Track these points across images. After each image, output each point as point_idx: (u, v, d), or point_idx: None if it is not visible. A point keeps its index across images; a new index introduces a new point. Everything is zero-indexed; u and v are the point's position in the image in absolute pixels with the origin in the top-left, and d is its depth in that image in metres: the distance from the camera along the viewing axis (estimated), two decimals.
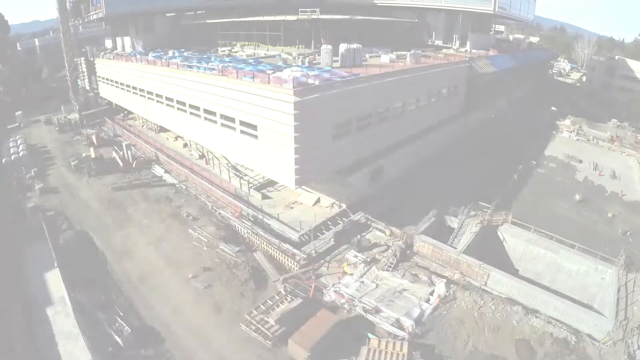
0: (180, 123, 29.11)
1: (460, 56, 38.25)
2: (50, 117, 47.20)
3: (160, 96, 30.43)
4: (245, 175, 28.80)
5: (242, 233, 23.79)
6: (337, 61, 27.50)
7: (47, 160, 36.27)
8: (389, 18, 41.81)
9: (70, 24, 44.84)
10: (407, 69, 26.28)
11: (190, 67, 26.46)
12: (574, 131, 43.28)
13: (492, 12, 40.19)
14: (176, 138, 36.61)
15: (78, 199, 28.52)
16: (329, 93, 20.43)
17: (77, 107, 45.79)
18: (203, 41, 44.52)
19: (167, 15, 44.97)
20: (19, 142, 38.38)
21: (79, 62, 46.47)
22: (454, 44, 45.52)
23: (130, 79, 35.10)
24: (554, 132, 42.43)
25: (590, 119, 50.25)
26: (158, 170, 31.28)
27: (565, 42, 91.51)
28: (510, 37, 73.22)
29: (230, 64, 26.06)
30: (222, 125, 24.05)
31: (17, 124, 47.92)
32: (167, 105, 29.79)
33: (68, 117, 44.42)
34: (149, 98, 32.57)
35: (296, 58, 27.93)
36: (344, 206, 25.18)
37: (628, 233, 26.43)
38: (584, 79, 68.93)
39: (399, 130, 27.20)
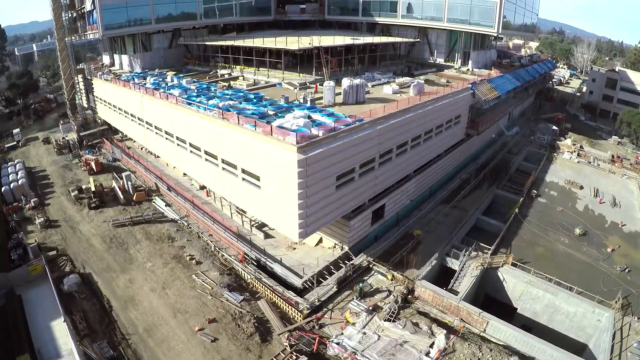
0: (180, 159, 28.89)
1: (462, 80, 37.92)
2: (48, 136, 46.79)
3: (160, 129, 30.13)
4: (247, 211, 28.77)
5: (246, 278, 23.91)
6: (339, 93, 27.34)
7: (47, 187, 36.10)
8: (390, 39, 41.24)
9: (67, 39, 44.09)
10: (410, 106, 26.01)
11: (190, 103, 26.10)
12: (574, 151, 43.33)
13: (496, 35, 39.82)
14: None
15: (79, 235, 28.47)
16: (333, 145, 20.28)
17: (75, 126, 45.33)
18: (203, 59, 43.96)
19: (166, 31, 44.14)
20: (17, 167, 38.10)
21: (77, 81, 45.78)
22: (455, 62, 45.14)
23: (129, 106, 34.66)
24: (555, 153, 42.41)
25: (591, 137, 50.39)
26: (159, 203, 31.18)
27: (564, 48, 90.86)
28: (510, 44, 72.65)
29: (231, 101, 25.78)
30: (224, 169, 23.91)
31: (15, 142, 47.56)
32: (167, 139, 29.52)
33: (66, 138, 43.95)
34: (148, 128, 32.24)
35: (298, 93, 27.58)
36: (346, 248, 25.29)
37: (626, 270, 26.75)
38: (584, 88, 68.64)
39: (402, 169, 27.13)
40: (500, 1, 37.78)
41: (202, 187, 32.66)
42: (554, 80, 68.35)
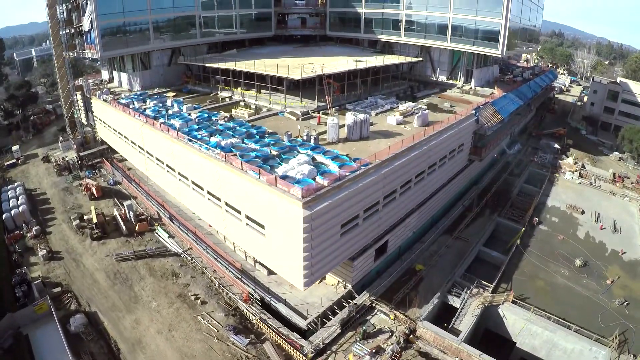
0: (182, 193, 28.79)
1: (465, 102, 37.78)
2: (48, 155, 46.48)
3: (161, 161, 29.96)
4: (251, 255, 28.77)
5: (251, 319, 24.13)
6: (342, 125, 27.18)
7: (47, 212, 36.00)
8: (394, 60, 40.72)
9: (65, 56, 43.44)
10: (415, 144, 25.90)
11: (191, 140, 25.88)
12: (576, 170, 43.43)
13: (500, 56, 39.47)
14: None
15: (83, 270, 28.54)
16: (339, 196, 20.24)
17: (75, 145, 44.98)
18: (203, 78, 43.47)
19: (165, 50, 43.54)
20: (18, 191, 37.91)
21: (75, 99, 45.26)
22: (458, 80, 44.84)
23: (129, 132, 34.33)
24: (557, 174, 42.49)
25: (593, 153, 50.44)
26: (161, 234, 31.20)
27: (565, 53, 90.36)
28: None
29: (234, 139, 25.55)
30: (227, 211, 23.90)
31: (14, 160, 47.24)
32: (168, 171, 29.37)
33: (66, 158, 43.64)
34: (148, 157, 32.05)
35: (301, 129, 27.29)
36: (349, 287, 25.50)
37: (625, 303, 27.13)
38: (585, 98, 68.45)
39: (405, 205, 27.17)
40: (505, 22, 37.41)
41: None
42: (554, 90, 68.08)
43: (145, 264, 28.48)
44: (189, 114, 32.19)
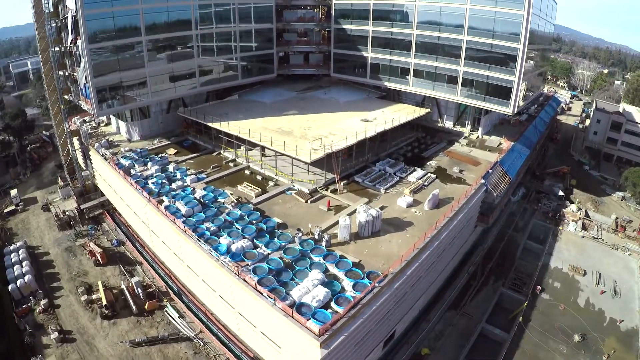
0: (192, 282, 28.67)
1: (473, 162, 37.43)
2: (47, 203, 45.60)
3: (168, 246, 29.58)
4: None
5: None
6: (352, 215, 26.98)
7: (53, 279, 35.78)
8: (402, 118, 39.40)
9: (62, 108, 41.69)
10: (427, 241, 25.79)
11: (199, 239, 25.46)
12: (579, 219, 43.85)
13: (511, 114, 38.67)
14: None
15: (97, 355, 28.70)
16: (355, 325, 20.40)
17: (74, 195, 44.10)
18: (204, 129, 42.17)
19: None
20: (21, 254, 37.39)
21: (73, 148, 43.87)
22: (465, 127, 44.13)
23: (132, 202, 33.54)
24: (560, 227, 42.86)
25: (595, 193, 50.68)
26: (171, 312, 31.35)
27: (565, 67, 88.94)
28: None
29: (244, 240, 25.19)
30: (241, 319, 23.98)
31: (14, 207, 46.36)
32: (175, 256, 29.08)
33: (66, 212, 42.80)
34: (153, 235, 31.62)
35: (312, 227, 26.73)
36: None
37: None
38: (588, 121, 68.00)
39: (415, 297, 27.45)
40: (518, 80, 36.40)
41: None
42: (558, 119, 67.42)
43: (159, 350, 28.81)
44: (193, 190, 31.56)
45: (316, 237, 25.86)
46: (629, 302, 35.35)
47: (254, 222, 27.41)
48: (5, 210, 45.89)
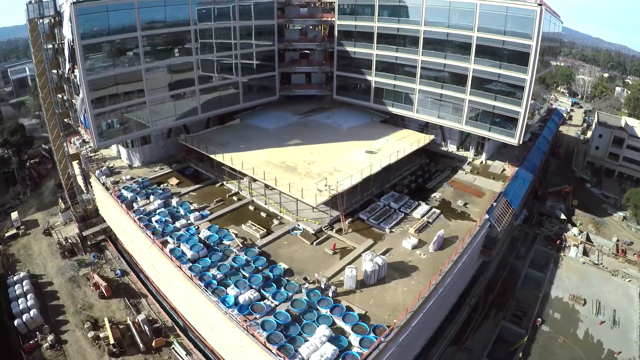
0: (199, 324, 28.83)
1: (476, 193, 37.39)
2: (48, 228, 45.39)
3: (173, 288, 29.63)
4: None
5: None
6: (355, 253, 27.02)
7: (58, 311, 35.89)
8: (407, 149, 38.90)
9: (60, 134, 41.11)
10: (432, 290, 25.98)
11: (206, 288, 25.54)
12: (581, 243, 44.18)
13: (516, 144, 38.38)
14: None
15: None
16: None
17: (75, 220, 43.86)
18: (206, 159, 41.52)
19: None
20: (25, 286, 37.38)
21: (73, 172, 43.44)
22: (469, 151, 43.94)
23: (135, 239, 33.41)
24: (562, 253, 43.16)
25: (597, 213, 50.88)
26: (179, 350, 31.62)
27: (566, 73, 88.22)
28: None
29: (251, 291, 25.18)
30: None
31: (15, 231, 46.15)
32: (182, 298, 29.17)
33: (68, 239, 42.61)
34: (158, 273, 31.63)
35: (319, 275, 26.73)
36: None
37: None
38: (589, 133, 67.84)
39: (418, 338, 27.79)
40: (524, 112, 36.08)
41: None
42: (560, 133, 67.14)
43: None
44: (198, 229, 31.45)
45: (322, 286, 25.96)
46: (627, 332, 35.90)
47: (260, 268, 27.48)
48: (6, 235, 45.68)
